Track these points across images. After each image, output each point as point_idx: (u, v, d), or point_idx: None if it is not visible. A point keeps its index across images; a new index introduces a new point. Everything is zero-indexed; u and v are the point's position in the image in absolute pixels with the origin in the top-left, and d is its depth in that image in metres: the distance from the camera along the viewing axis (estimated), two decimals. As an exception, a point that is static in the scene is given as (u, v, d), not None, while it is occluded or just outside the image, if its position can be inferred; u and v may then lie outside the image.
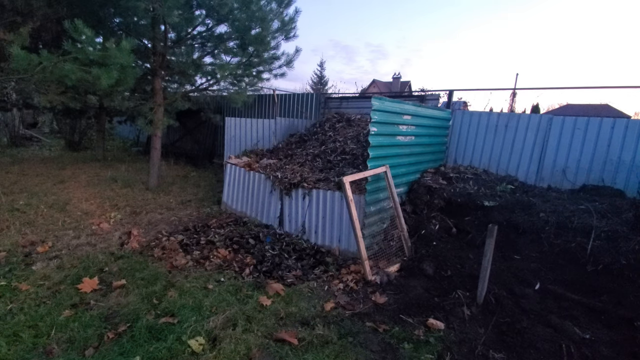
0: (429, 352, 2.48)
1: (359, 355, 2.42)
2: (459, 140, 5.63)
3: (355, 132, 6.16)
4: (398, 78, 33.77)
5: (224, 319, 2.71)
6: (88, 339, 2.43)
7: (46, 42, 6.19)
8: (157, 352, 2.31)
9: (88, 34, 4.60)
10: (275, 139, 7.04)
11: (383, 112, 3.89)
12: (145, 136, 11.03)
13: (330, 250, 4.30)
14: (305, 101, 8.42)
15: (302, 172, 4.95)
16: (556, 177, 4.84)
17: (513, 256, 3.55)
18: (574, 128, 4.71)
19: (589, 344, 2.52)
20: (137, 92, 7.52)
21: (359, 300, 3.17)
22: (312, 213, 4.54)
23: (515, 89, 12.06)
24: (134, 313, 2.73)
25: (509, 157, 5.20)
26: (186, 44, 6.85)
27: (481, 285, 2.98)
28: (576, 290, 3.07)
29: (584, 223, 3.53)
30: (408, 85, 37.14)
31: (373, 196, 3.95)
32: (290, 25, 6.95)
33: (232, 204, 5.77)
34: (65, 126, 11.18)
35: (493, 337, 2.65)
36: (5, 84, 5.37)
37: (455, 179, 4.84)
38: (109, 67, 4.79)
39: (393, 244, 3.99)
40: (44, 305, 2.79)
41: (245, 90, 7.47)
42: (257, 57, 6.98)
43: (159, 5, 5.19)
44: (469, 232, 3.98)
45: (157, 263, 3.70)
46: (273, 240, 4.57)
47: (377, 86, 41.03)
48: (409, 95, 12.03)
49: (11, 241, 3.87)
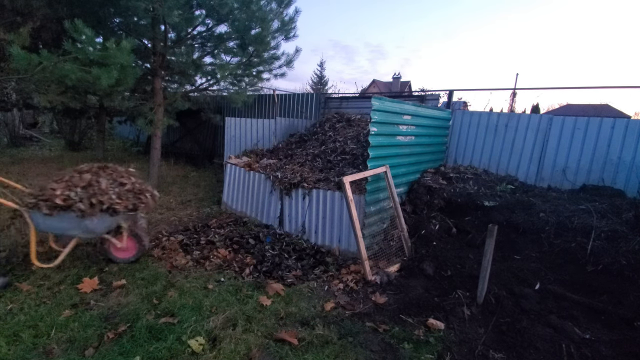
0: (429, 352, 2.48)
1: (359, 355, 2.42)
2: (459, 140, 5.63)
3: (355, 132, 6.16)
4: (398, 78, 33.76)
5: (224, 319, 2.71)
6: (88, 339, 2.43)
7: (46, 42, 6.18)
8: (157, 352, 2.31)
9: (88, 34, 4.60)
10: (275, 139, 7.04)
11: (383, 112, 3.89)
12: (145, 136, 11.02)
13: (330, 250, 4.30)
14: (305, 101, 8.42)
15: (302, 172, 4.95)
16: (556, 177, 4.84)
17: (513, 256, 3.55)
18: (574, 128, 4.70)
19: (589, 344, 2.52)
20: (137, 92, 7.52)
21: (359, 300, 3.17)
22: (312, 213, 4.55)
23: (515, 89, 12.07)
24: (134, 313, 2.73)
25: (509, 157, 5.20)
26: (186, 44, 6.85)
27: (481, 285, 2.98)
28: (576, 290, 3.07)
29: (584, 223, 3.53)
30: (408, 85, 37.14)
31: (373, 196, 3.96)
32: (290, 25, 6.95)
33: (232, 204, 5.77)
34: (65, 126, 11.18)
35: (493, 337, 2.65)
36: (5, 84, 5.38)
37: (455, 179, 4.84)
38: (109, 67, 4.79)
39: (393, 244, 3.99)
40: (44, 305, 2.79)
41: (245, 90, 7.46)
42: (257, 57, 6.98)
43: (159, 5, 5.19)
44: (469, 232, 3.98)
45: (157, 263, 3.70)
46: (273, 240, 4.57)
47: (377, 86, 41.03)
48: (409, 95, 12.03)
49: (11, 241, 3.87)
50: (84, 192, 3.20)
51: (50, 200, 3.07)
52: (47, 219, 3.10)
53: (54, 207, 3.07)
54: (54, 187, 3.15)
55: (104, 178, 3.41)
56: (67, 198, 3.11)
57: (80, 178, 3.29)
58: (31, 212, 3.09)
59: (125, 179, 3.56)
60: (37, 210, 3.06)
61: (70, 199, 3.12)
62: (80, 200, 3.15)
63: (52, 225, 3.17)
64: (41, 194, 3.13)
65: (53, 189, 3.13)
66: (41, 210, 3.04)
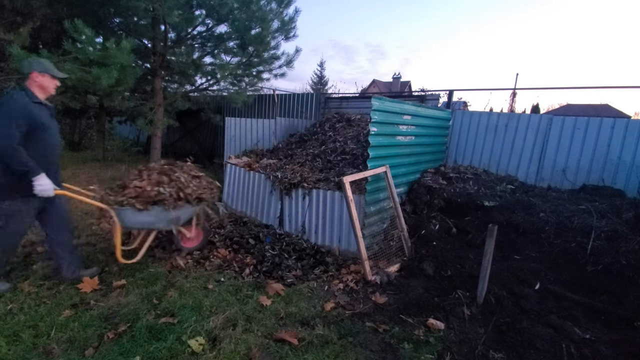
0: (429, 352, 2.48)
1: (359, 355, 2.42)
2: (459, 140, 5.63)
3: (355, 132, 6.16)
4: (398, 78, 33.78)
5: (224, 319, 2.71)
6: (88, 339, 2.43)
7: (46, 42, 6.19)
8: (157, 352, 2.31)
9: (88, 33, 4.61)
10: (275, 139, 7.04)
11: (383, 112, 3.89)
12: (145, 136, 11.03)
13: (330, 250, 4.30)
14: (305, 101, 8.42)
15: (302, 172, 4.95)
16: (556, 177, 4.84)
17: (513, 256, 3.55)
18: (574, 128, 4.71)
19: (589, 344, 2.52)
20: (137, 92, 7.53)
21: (359, 300, 3.17)
22: (312, 213, 4.55)
23: (515, 89, 12.07)
24: (134, 313, 2.73)
25: (509, 157, 5.21)
26: (186, 44, 6.86)
27: (481, 285, 2.98)
28: (576, 290, 3.07)
29: (584, 223, 3.53)
30: (408, 85, 37.15)
31: (373, 196, 3.96)
32: (290, 25, 6.96)
33: (232, 203, 5.77)
34: (65, 126, 11.18)
35: (493, 337, 2.65)
36: (5, 84, 5.38)
37: (455, 179, 4.84)
38: (109, 67, 4.80)
39: (393, 244, 3.99)
40: (44, 305, 2.79)
41: (245, 90, 7.47)
42: (257, 57, 6.99)
43: (159, 5, 5.19)
44: (469, 232, 3.98)
45: (157, 263, 3.70)
46: (273, 240, 4.57)
47: (377, 86, 41.04)
48: (409, 95, 12.03)
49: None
50: (170, 187, 3.49)
51: (141, 197, 3.31)
52: (136, 215, 3.30)
53: (146, 202, 3.31)
54: (140, 186, 3.38)
55: (180, 173, 3.70)
56: (157, 193, 3.38)
57: (160, 174, 3.55)
58: (119, 210, 3.23)
59: (196, 173, 3.91)
60: (129, 208, 3.24)
61: (160, 193, 3.39)
62: (170, 195, 3.42)
63: (140, 220, 3.36)
64: (130, 193, 3.33)
65: (140, 187, 3.37)
66: (134, 207, 3.24)
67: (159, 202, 3.36)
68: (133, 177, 3.54)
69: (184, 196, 3.50)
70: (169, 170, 3.68)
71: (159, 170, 3.61)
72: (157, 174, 3.56)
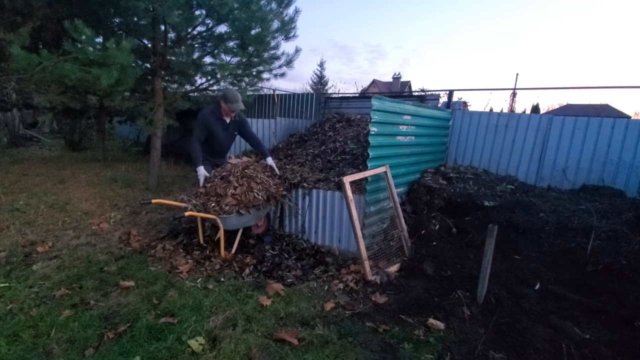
0: (429, 352, 2.47)
1: (359, 355, 2.41)
2: (459, 140, 5.63)
3: (355, 132, 6.16)
4: (398, 78, 33.80)
5: (224, 319, 2.71)
6: (88, 339, 2.43)
7: (46, 42, 6.18)
8: (157, 352, 2.31)
9: (88, 33, 4.60)
10: (275, 139, 7.05)
11: (383, 112, 3.88)
12: (145, 136, 11.02)
13: (330, 250, 4.30)
14: (305, 101, 8.43)
15: (302, 172, 4.94)
16: (556, 177, 4.84)
17: (513, 256, 3.55)
18: (574, 128, 4.71)
19: (589, 344, 2.52)
20: (137, 92, 7.51)
21: (359, 300, 3.17)
22: (312, 213, 4.54)
23: (515, 89, 12.07)
24: (134, 313, 2.73)
25: (509, 157, 5.21)
26: (186, 44, 6.85)
27: (481, 285, 2.98)
28: (576, 290, 3.07)
29: (584, 223, 3.53)
30: (408, 85, 37.16)
31: (373, 196, 3.95)
32: (290, 25, 6.95)
33: (232, 204, 5.76)
34: (65, 126, 11.18)
35: (493, 337, 2.65)
36: (5, 84, 5.38)
37: (455, 179, 4.84)
38: (109, 67, 4.79)
39: (393, 244, 3.99)
40: (44, 305, 2.79)
41: (245, 90, 7.47)
42: (257, 57, 6.98)
43: (159, 5, 5.18)
44: (469, 232, 3.98)
45: (157, 263, 3.70)
46: (273, 240, 4.57)
47: (377, 86, 41.05)
48: (409, 95, 12.04)
49: (11, 241, 3.87)
50: (262, 191, 4.00)
51: (242, 203, 3.80)
52: (238, 219, 3.81)
53: (247, 207, 3.83)
54: (237, 193, 3.82)
55: (263, 174, 4.22)
56: (254, 198, 3.89)
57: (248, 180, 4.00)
58: (225, 218, 3.71)
59: (270, 172, 4.43)
60: (234, 215, 3.73)
61: (256, 199, 3.90)
62: (263, 199, 3.97)
63: (240, 222, 3.89)
64: (231, 202, 3.77)
65: (237, 194, 3.81)
66: (238, 214, 3.75)
67: (255, 205, 3.88)
68: (221, 183, 3.92)
69: (270, 196, 4.08)
70: (252, 171, 4.12)
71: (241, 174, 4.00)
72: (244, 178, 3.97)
